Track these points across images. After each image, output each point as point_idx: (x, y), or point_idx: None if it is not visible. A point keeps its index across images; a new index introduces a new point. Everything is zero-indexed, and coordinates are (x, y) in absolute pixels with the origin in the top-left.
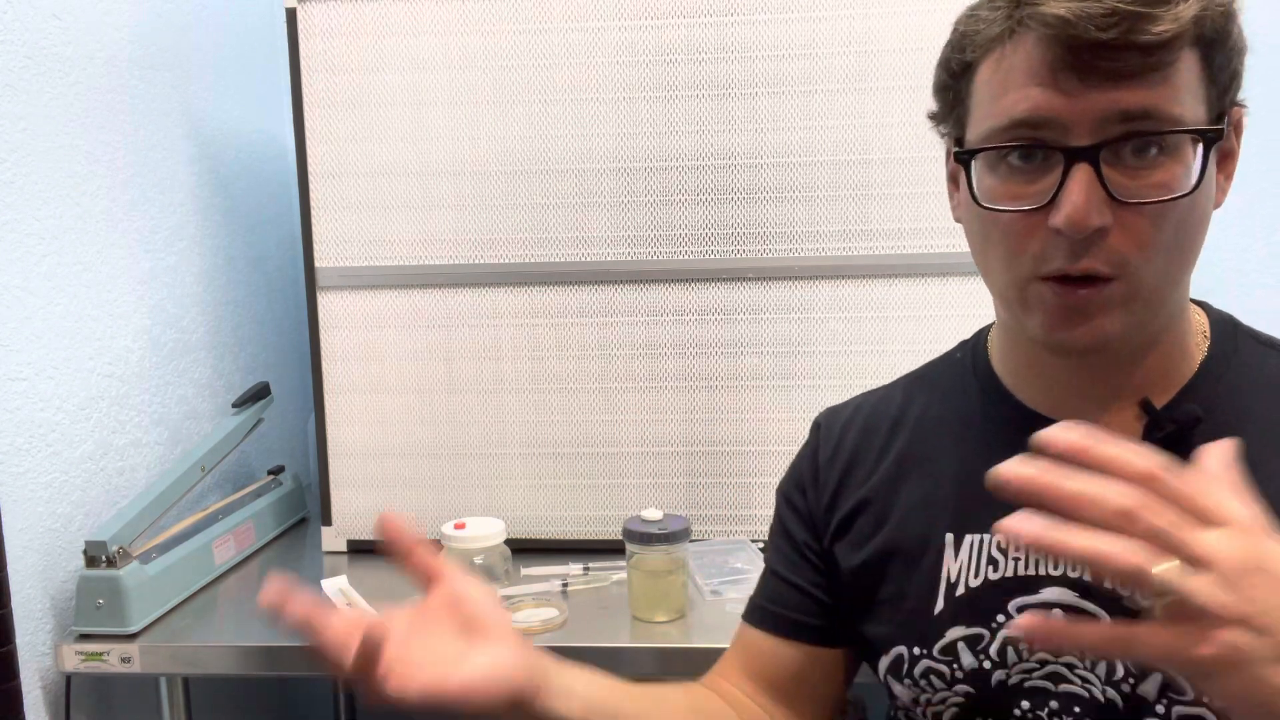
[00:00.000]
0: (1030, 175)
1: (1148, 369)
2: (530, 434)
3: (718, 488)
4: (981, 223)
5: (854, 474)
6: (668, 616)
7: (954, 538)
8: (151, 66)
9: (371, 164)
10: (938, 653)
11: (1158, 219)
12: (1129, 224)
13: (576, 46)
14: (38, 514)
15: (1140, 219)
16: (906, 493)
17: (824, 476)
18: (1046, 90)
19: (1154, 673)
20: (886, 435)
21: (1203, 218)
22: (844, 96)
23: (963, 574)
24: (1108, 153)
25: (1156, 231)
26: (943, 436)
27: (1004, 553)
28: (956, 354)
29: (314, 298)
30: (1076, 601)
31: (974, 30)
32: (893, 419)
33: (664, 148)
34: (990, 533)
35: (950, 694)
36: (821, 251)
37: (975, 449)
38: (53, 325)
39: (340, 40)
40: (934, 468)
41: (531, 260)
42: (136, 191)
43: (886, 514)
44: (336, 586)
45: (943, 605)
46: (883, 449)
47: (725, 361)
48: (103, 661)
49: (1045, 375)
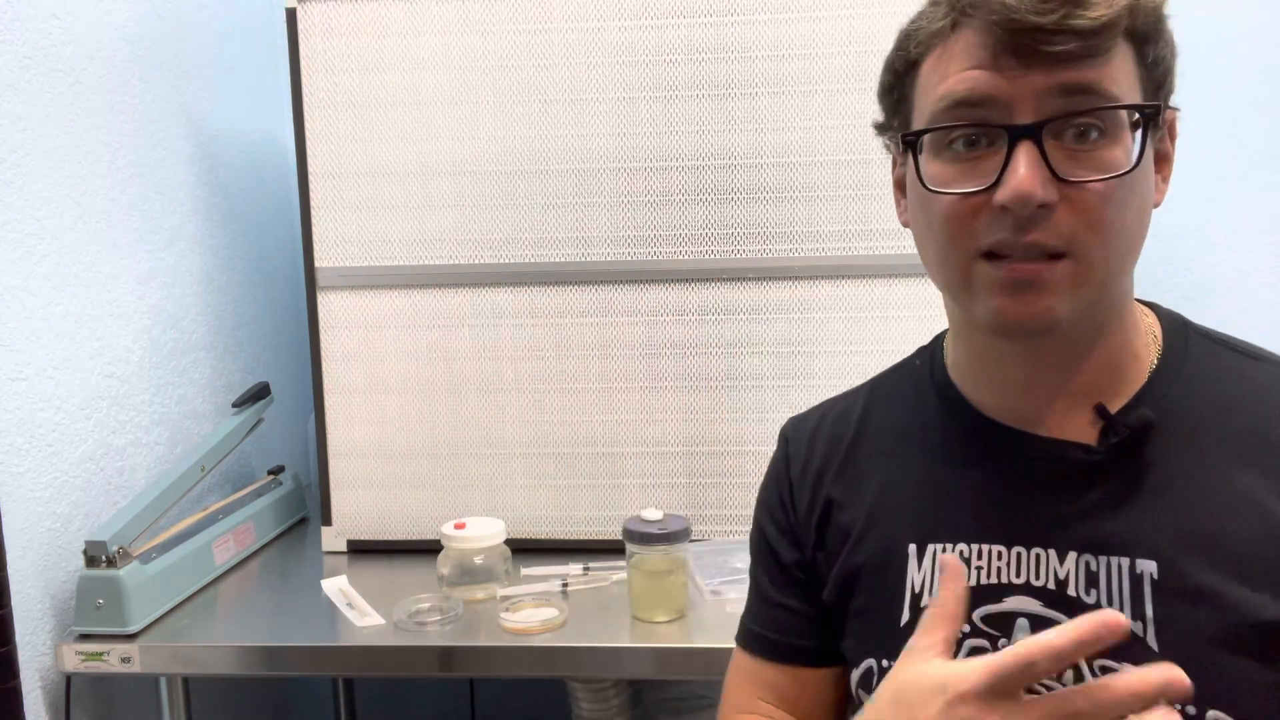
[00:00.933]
0: (974, 159)
1: (1097, 369)
2: (530, 434)
3: (718, 488)
4: (927, 212)
5: (824, 483)
6: (668, 616)
7: (917, 548)
8: (151, 66)
9: (371, 164)
10: None
11: (1103, 199)
12: (1075, 202)
13: (576, 46)
14: (38, 514)
15: (1086, 197)
16: (871, 504)
17: (798, 487)
18: (987, 72)
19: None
20: (850, 445)
21: (1144, 208)
22: (844, 96)
23: (927, 584)
24: (1049, 134)
25: (1102, 211)
26: (903, 446)
27: (967, 562)
28: (915, 361)
29: (314, 298)
30: (1041, 610)
31: (917, 28)
32: (855, 428)
33: (664, 148)
34: (953, 542)
35: None
36: (821, 251)
37: (936, 459)
38: (53, 325)
39: (340, 40)
40: (896, 478)
41: (531, 260)
42: (136, 191)
43: (853, 525)
44: (336, 586)
45: (908, 616)
46: (846, 458)
47: (725, 361)
48: (103, 661)
49: (997, 376)
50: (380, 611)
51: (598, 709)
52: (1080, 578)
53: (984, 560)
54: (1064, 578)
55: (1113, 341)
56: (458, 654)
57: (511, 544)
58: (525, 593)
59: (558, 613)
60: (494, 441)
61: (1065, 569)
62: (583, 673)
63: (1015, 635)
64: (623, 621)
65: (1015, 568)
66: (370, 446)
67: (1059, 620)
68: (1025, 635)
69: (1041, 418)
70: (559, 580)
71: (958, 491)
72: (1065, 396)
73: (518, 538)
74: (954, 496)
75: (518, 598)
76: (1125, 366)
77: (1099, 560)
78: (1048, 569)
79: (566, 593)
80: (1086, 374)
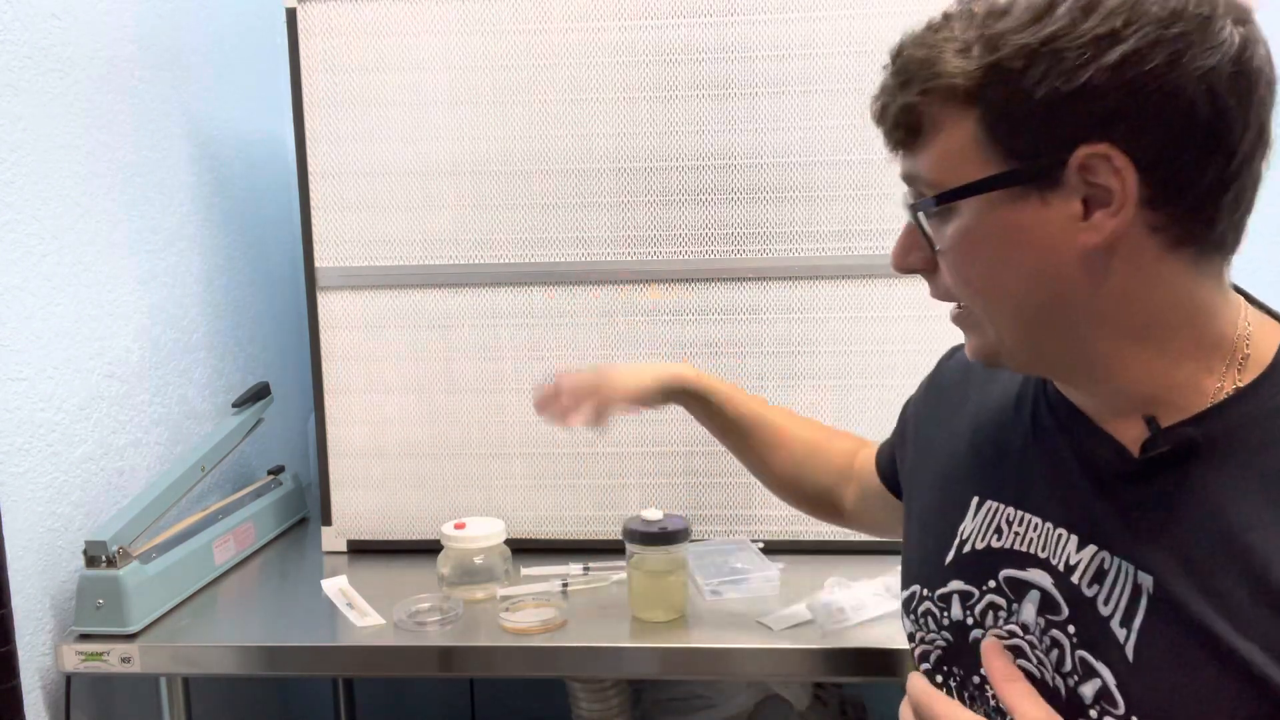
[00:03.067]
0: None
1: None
2: (530, 434)
3: (718, 488)
4: None
5: (939, 411)
6: (668, 616)
7: (978, 500)
8: (151, 66)
9: (371, 164)
10: (937, 598)
11: (950, 268)
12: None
13: (576, 46)
14: (38, 514)
15: (945, 266)
16: (962, 445)
17: (926, 401)
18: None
19: (1095, 677)
20: (963, 389)
21: (1007, 269)
22: (844, 96)
23: (974, 535)
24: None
25: (954, 276)
26: (997, 402)
27: (1009, 524)
28: None
29: (314, 298)
30: (1050, 588)
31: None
32: (969, 377)
33: (664, 148)
34: (1003, 502)
35: (937, 637)
36: (821, 251)
37: (1020, 419)
38: (53, 325)
39: (340, 40)
40: (985, 431)
41: (531, 260)
42: (136, 191)
43: (943, 455)
44: (336, 586)
45: (952, 556)
46: (960, 401)
47: (725, 361)
48: (103, 661)
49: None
50: (380, 611)
51: (598, 709)
52: (1090, 571)
53: (1023, 528)
54: (1075, 565)
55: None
56: (458, 654)
57: (511, 544)
58: (525, 593)
59: (558, 613)
60: (494, 441)
61: (1079, 558)
62: (583, 673)
63: (1025, 604)
64: (623, 621)
65: (1042, 542)
66: (370, 446)
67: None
68: (1033, 606)
69: (1106, 415)
70: (559, 580)
71: (1025, 458)
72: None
73: (518, 538)
74: (1020, 462)
75: (518, 598)
76: (1181, 386)
77: (1112, 560)
78: (1066, 552)
79: (566, 593)
80: (1121, 394)
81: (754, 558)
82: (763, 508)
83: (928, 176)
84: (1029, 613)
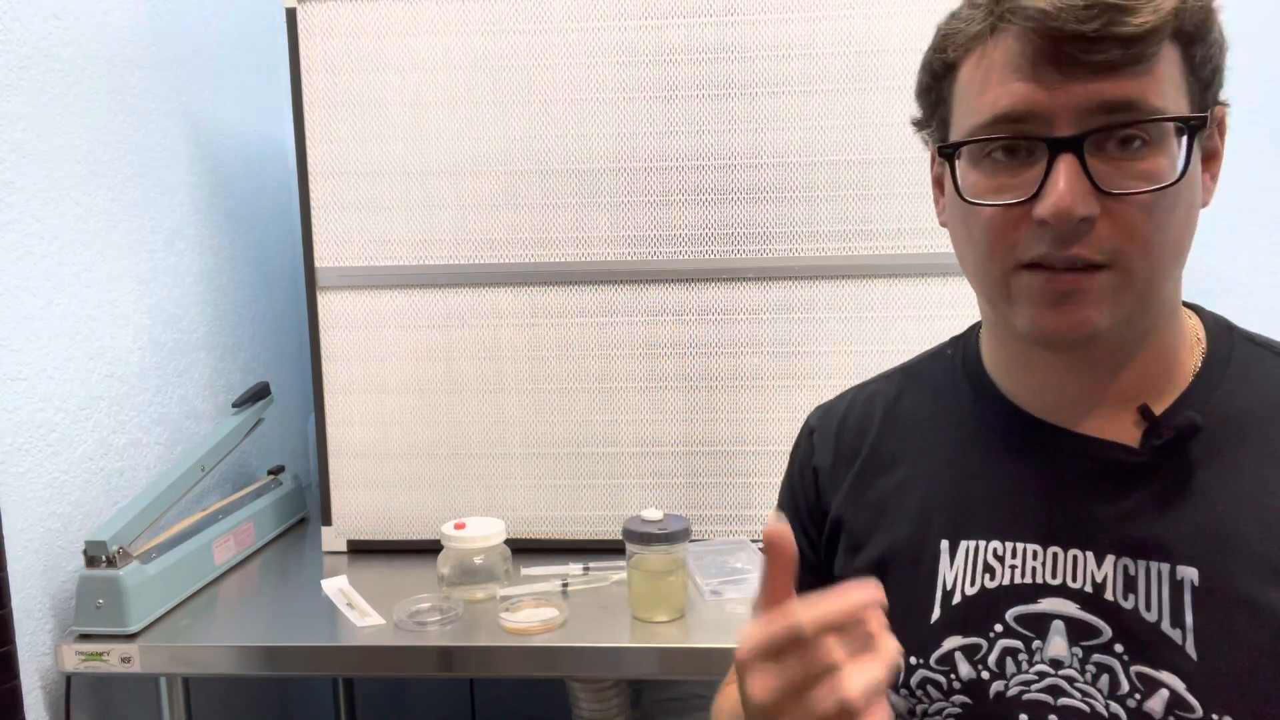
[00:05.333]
0: (1014, 169)
1: (1140, 372)
2: (530, 434)
3: (718, 488)
4: (966, 220)
5: (849, 476)
6: (668, 616)
7: (949, 544)
8: (151, 66)
9: (371, 164)
10: (934, 662)
11: (1146, 210)
12: (1117, 215)
13: (576, 46)
14: (38, 514)
15: (1128, 209)
16: (902, 496)
17: (825, 479)
18: (1028, 84)
19: (1160, 689)
20: (878, 434)
21: (1190, 213)
22: (844, 96)
23: (959, 581)
24: (1092, 144)
25: (1146, 222)
26: (936, 436)
27: (1000, 560)
28: (947, 350)
29: (314, 298)
30: (1078, 614)
31: (955, 30)
32: (885, 417)
33: (664, 148)
34: (986, 539)
35: (948, 704)
36: (821, 251)
37: (970, 452)
38: (53, 325)
39: (340, 40)
40: (928, 470)
41: (531, 260)
42: (136, 191)
43: (882, 519)
44: (336, 586)
45: (939, 614)
46: (874, 449)
47: (725, 361)
48: (103, 661)
49: (1036, 376)
50: (380, 611)
51: (598, 709)
52: (1119, 581)
53: (1018, 559)
54: (1101, 581)
55: (1158, 345)
56: (458, 654)
57: (511, 544)
58: (525, 593)
59: (558, 613)
60: (494, 441)
61: (1103, 572)
62: (583, 673)
63: (1050, 638)
64: (623, 621)
65: (1051, 568)
66: (370, 446)
67: (1097, 625)
68: (1061, 639)
69: (1081, 416)
70: (559, 580)
71: (991, 487)
72: (1108, 398)
73: (518, 538)
74: (987, 492)
75: (518, 598)
76: (1170, 370)
77: (1137, 564)
78: (1085, 571)
79: (566, 593)
80: (1129, 377)
81: (754, 558)
82: (762, 508)
83: (1152, 103)
84: (1058, 646)
